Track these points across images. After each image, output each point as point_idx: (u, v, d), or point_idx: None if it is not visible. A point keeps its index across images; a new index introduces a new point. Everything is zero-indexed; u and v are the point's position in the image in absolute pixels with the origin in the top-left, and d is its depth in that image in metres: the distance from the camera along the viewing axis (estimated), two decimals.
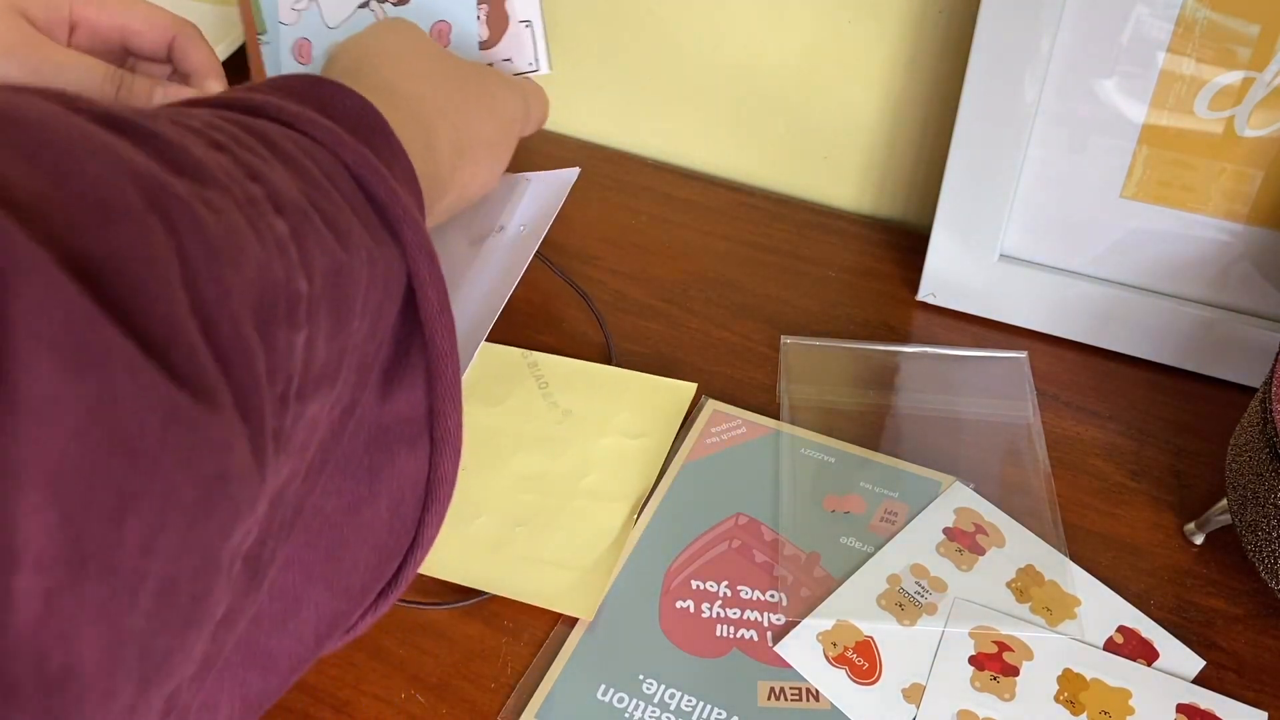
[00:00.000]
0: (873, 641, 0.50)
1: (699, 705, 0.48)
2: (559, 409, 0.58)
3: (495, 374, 0.61)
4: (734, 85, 0.74)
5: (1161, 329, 0.62)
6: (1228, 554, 0.54)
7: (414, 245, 0.36)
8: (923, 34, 0.67)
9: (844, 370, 0.62)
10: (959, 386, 0.61)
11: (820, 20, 0.69)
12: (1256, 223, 0.58)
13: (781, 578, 0.52)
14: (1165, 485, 0.57)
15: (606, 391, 0.60)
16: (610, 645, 0.50)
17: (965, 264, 0.64)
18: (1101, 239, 0.62)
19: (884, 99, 0.71)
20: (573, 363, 0.61)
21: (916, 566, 0.52)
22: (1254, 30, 0.53)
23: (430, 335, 0.37)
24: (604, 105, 0.80)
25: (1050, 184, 0.61)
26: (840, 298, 0.68)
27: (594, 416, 0.58)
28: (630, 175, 0.77)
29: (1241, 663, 0.50)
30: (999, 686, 0.48)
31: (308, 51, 0.62)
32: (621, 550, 0.52)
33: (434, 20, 0.62)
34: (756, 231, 0.73)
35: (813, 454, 0.57)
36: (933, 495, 0.55)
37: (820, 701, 0.48)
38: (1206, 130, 0.57)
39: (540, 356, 0.62)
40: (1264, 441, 0.47)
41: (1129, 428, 0.60)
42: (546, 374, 0.60)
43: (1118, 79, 0.57)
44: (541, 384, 0.60)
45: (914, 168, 0.73)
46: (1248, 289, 0.60)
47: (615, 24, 0.75)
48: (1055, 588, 0.51)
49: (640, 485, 0.55)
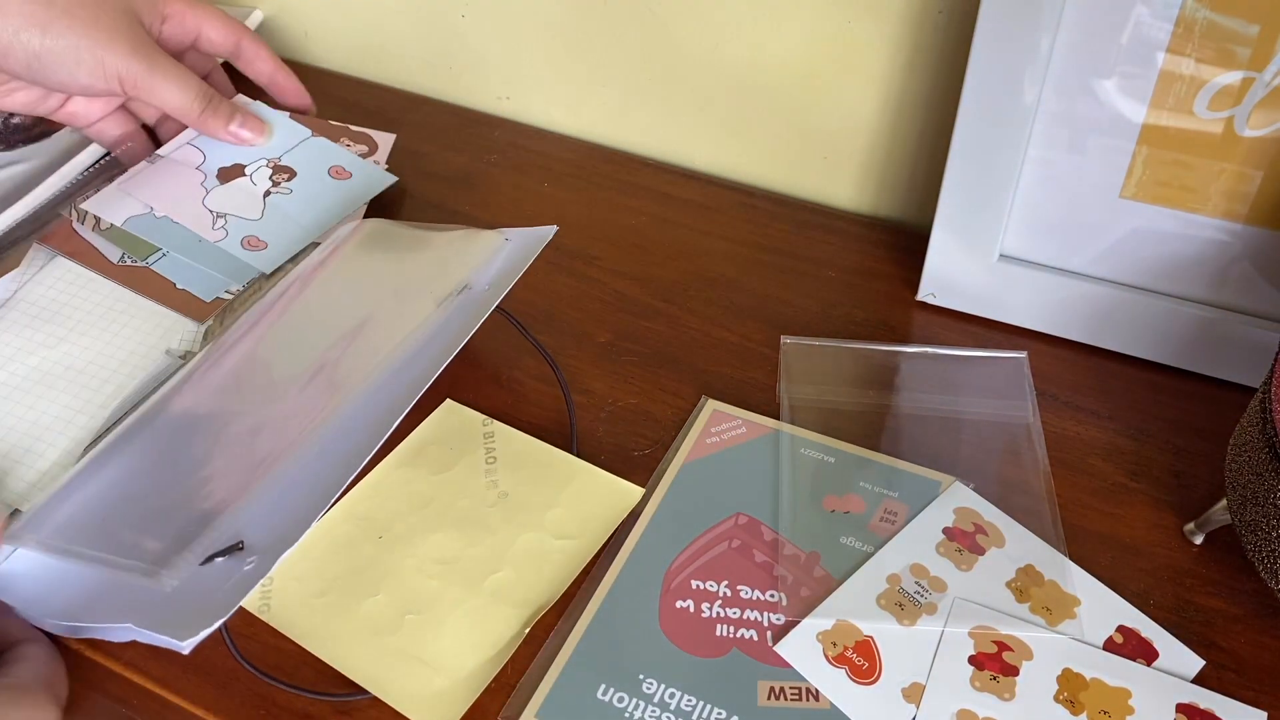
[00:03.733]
0: (872, 641, 0.50)
1: (699, 705, 0.48)
2: (497, 490, 0.56)
3: (454, 437, 0.58)
4: (734, 85, 0.74)
5: (1161, 329, 0.62)
6: (1228, 554, 0.54)
7: None
8: (923, 34, 0.67)
9: (844, 370, 0.62)
10: (959, 386, 0.61)
11: (820, 20, 0.69)
12: (1256, 223, 0.59)
13: (781, 577, 0.52)
14: (1165, 485, 0.57)
15: (550, 478, 0.56)
16: (610, 645, 0.50)
17: (965, 264, 0.64)
18: (1101, 239, 0.62)
19: (884, 99, 0.71)
20: (527, 440, 0.58)
21: (916, 566, 0.52)
22: (1254, 30, 0.53)
23: None
24: (604, 105, 0.80)
25: (1050, 184, 0.61)
26: (840, 298, 0.68)
27: (528, 505, 0.55)
28: (630, 175, 0.77)
29: (1241, 662, 0.50)
30: (999, 686, 0.48)
31: (256, 244, 0.66)
32: (499, 664, 0.49)
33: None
34: (756, 231, 0.73)
35: (813, 454, 0.57)
36: (932, 495, 0.55)
37: (820, 701, 0.48)
38: (1206, 130, 0.57)
39: (499, 427, 0.59)
40: (1264, 441, 0.47)
41: (1129, 428, 0.60)
42: (499, 446, 0.58)
43: (1117, 79, 0.57)
44: (489, 458, 0.57)
45: (914, 168, 0.73)
46: (1247, 289, 0.60)
47: (615, 24, 0.75)
48: (1055, 587, 0.51)
49: (547, 593, 0.51)
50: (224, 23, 0.70)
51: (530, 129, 0.82)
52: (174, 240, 0.65)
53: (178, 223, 0.66)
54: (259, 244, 0.66)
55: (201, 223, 0.66)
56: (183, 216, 0.66)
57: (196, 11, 0.69)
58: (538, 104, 0.82)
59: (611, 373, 0.62)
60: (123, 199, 0.66)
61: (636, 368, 0.63)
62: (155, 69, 0.65)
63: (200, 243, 0.65)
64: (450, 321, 0.58)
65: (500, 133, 0.81)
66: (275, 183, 0.69)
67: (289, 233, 0.67)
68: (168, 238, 0.65)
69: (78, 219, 0.66)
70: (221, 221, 0.66)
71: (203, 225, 0.66)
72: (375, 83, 0.86)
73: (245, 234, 0.66)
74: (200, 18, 0.69)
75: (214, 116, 0.68)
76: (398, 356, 0.56)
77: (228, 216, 0.66)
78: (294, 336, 0.59)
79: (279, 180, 0.69)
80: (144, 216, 0.66)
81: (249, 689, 0.48)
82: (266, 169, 0.69)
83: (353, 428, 0.53)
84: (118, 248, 0.64)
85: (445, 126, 0.81)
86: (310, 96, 0.74)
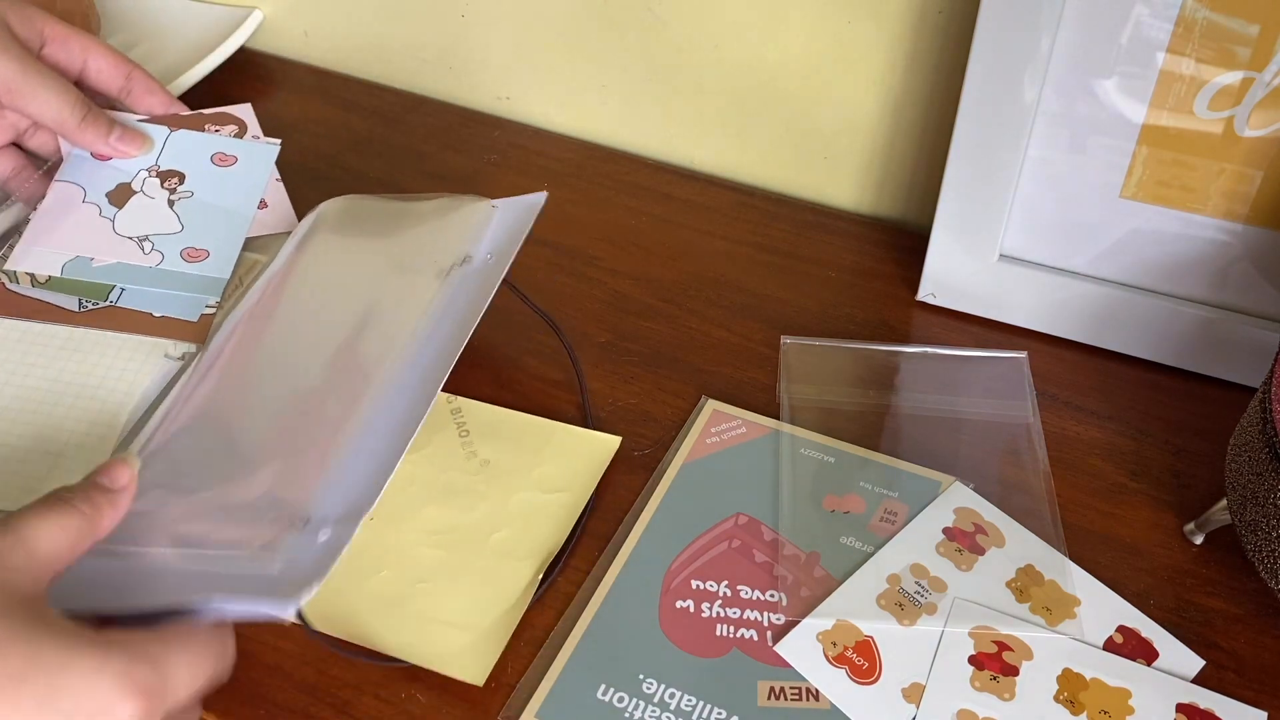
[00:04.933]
0: (873, 641, 0.50)
1: (699, 705, 0.48)
2: (477, 459, 0.57)
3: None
4: (734, 85, 0.74)
5: (1161, 329, 0.62)
6: (1228, 554, 0.54)
7: None
8: (923, 34, 0.67)
9: (844, 370, 0.62)
10: (959, 386, 0.61)
11: (820, 20, 0.69)
12: (1256, 223, 0.59)
13: (781, 577, 0.52)
14: (1165, 485, 0.57)
15: (528, 441, 0.58)
16: (610, 645, 0.50)
17: (965, 264, 0.64)
18: (1101, 239, 0.62)
19: (884, 99, 0.71)
20: (495, 410, 0.59)
21: (916, 566, 0.52)
22: (1254, 30, 0.53)
23: None
24: (604, 105, 0.80)
25: (1050, 184, 0.61)
26: (840, 298, 0.68)
27: (512, 468, 0.56)
28: (630, 175, 0.77)
29: (1241, 662, 0.50)
30: (999, 686, 0.48)
31: (196, 254, 0.64)
32: (520, 612, 0.50)
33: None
34: (756, 231, 0.73)
35: (813, 454, 0.57)
36: (932, 495, 0.55)
37: (820, 701, 0.48)
38: (1206, 130, 0.57)
39: (464, 402, 0.59)
40: (1264, 441, 0.47)
41: (1129, 428, 0.60)
42: (469, 421, 0.58)
43: (1117, 79, 0.57)
44: (462, 432, 0.58)
45: (914, 168, 0.73)
46: (1247, 289, 0.60)
47: (615, 24, 0.75)
48: (1055, 587, 0.51)
49: (551, 542, 0.53)
50: (113, 53, 0.66)
51: (530, 129, 0.82)
52: (122, 275, 0.62)
53: (114, 260, 0.63)
54: (199, 253, 0.63)
55: (129, 252, 0.63)
56: (112, 253, 0.63)
57: (82, 40, 0.65)
58: (538, 104, 0.82)
59: (611, 373, 0.62)
60: (44, 251, 0.63)
61: (636, 368, 0.63)
62: (29, 73, 0.61)
63: (150, 270, 0.62)
64: (458, 295, 0.58)
65: (500, 133, 0.81)
66: (171, 189, 0.66)
67: (218, 232, 0.65)
68: (114, 274, 0.62)
69: (9, 280, 0.61)
70: (148, 244, 0.63)
71: (133, 254, 0.63)
72: (375, 83, 0.86)
73: (179, 248, 0.63)
74: (86, 46, 0.65)
75: (93, 127, 0.64)
76: (419, 333, 0.56)
77: (149, 238, 0.63)
78: (301, 323, 0.58)
79: (173, 186, 0.66)
80: (76, 261, 0.62)
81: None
82: (153, 179, 0.66)
83: (396, 401, 0.53)
84: (71, 295, 0.61)
85: (445, 126, 0.81)
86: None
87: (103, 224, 0.64)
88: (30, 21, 0.62)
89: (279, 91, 0.84)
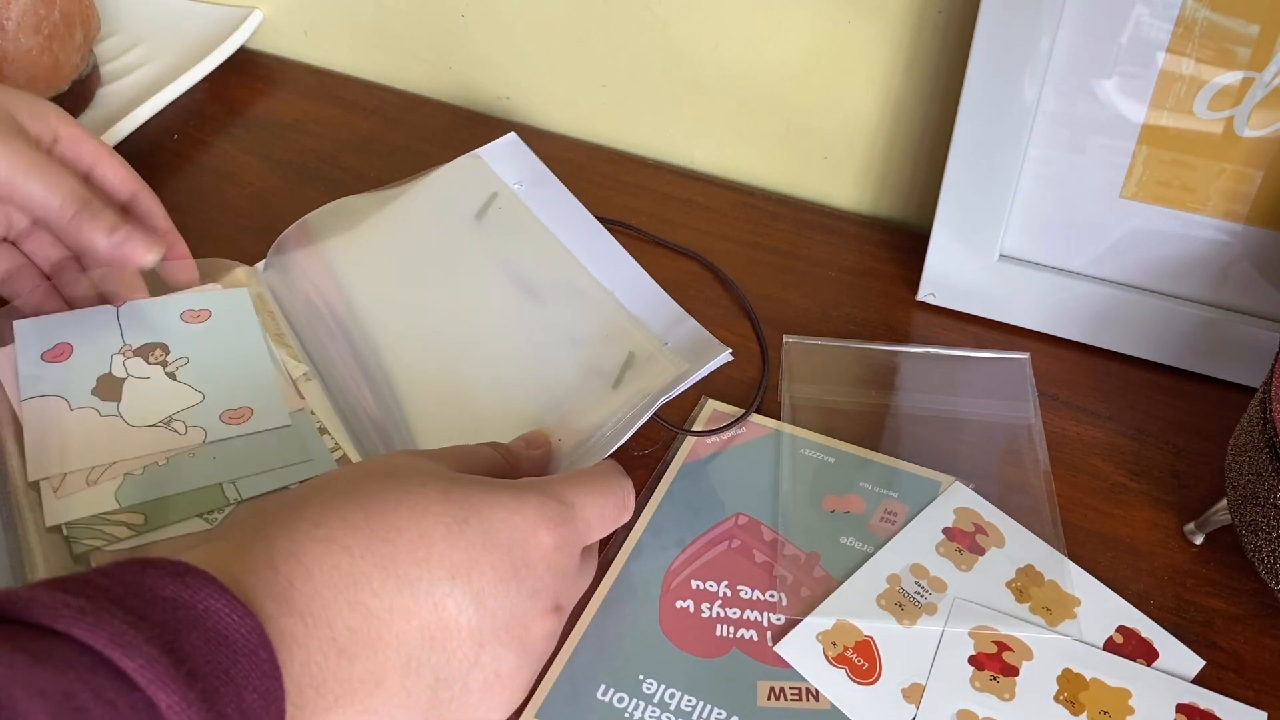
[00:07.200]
0: (872, 641, 0.50)
1: (699, 705, 0.48)
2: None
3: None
4: (734, 85, 0.74)
5: (1161, 329, 0.62)
6: (1228, 554, 0.54)
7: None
8: (923, 34, 0.67)
9: (844, 370, 0.62)
10: (959, 387, 0.61)
11: (820, 20, 0.69)
12: (1256, 223, 0.59)
13: (781, 578, 0.52)
14: (1165, 485, 0.57)
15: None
16: (610, 645, 0.50)
17: (965, 264, 0.64)
18: (1101, 239, 0.62)
19: (884, 99, 0.71)
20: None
21: (916, 566, 0.52)
22: (1254, 30, 0.53)
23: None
24: (604, 105, 0.80)
25: (1050, 184, 0.61)
26: (840, 298, 0.68)
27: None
28: (630, 175, 0.77)
29: (1241, 663, 0.50)
30: (999, 686, 0.48)
31: (237, 415, 0.56)
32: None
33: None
34: (756, 231, 0.73)
35: (813, 454, 0.57)
36: (932, 495, 0.55)
37: (820, 701, 0.48)
38: (1206, 130, 0.57)
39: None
40: (1264, 441, 0.47)
41: (1129, 428, 0.60)
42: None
43: (1117, 79, 0.57)
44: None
45: (914, 168, 0.73)
46: (1247, 289, 0.60)
47: (615, 23, 0.75)
48: (1055, 588, 0.51)
49: None
50: (123, 165, 0.61)
51: (530, 129, 0.82)
52: (184, 476, 0.52)
53: (153, 465, 0.52)
54: (243, 413, 0.55)
55: (164, 443, 0.53)
56: (141, 448, 0.53)
57: (94, 145, 0.61)
58: (538, 104, 0.82)
59: None
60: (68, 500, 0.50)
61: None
62: (19, 159, 0.55)
63: (210, 447, 0.53)
64: (508, 227, 0.62)
65: (500, 133, 0.81)
66: (161, 362, 0.57)
67: (241, 380, 0.57)
68: (174, 476, 0.52)
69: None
70: (180, 425, 0.54)
71: (167, 440, 0.53)
72: (375, 83, 0.86)
73: (218, 413, 0.55)
74: (97, 151, 0.61)
75: (91, 221, 0.56)
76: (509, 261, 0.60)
77: (172, 420, 0.54)
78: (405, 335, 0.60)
79: (160, 358, 0.57)
80: (123, 485, 0.51)
81: None
82: (135, 359, 0.57)
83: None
84: (139, 514, 0.50)
85: (445, 126, 0.81)
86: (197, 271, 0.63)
87: (111, 422, 0.54)
88: (44, 118, 0.59)
89: (279, 91, 0.84)
